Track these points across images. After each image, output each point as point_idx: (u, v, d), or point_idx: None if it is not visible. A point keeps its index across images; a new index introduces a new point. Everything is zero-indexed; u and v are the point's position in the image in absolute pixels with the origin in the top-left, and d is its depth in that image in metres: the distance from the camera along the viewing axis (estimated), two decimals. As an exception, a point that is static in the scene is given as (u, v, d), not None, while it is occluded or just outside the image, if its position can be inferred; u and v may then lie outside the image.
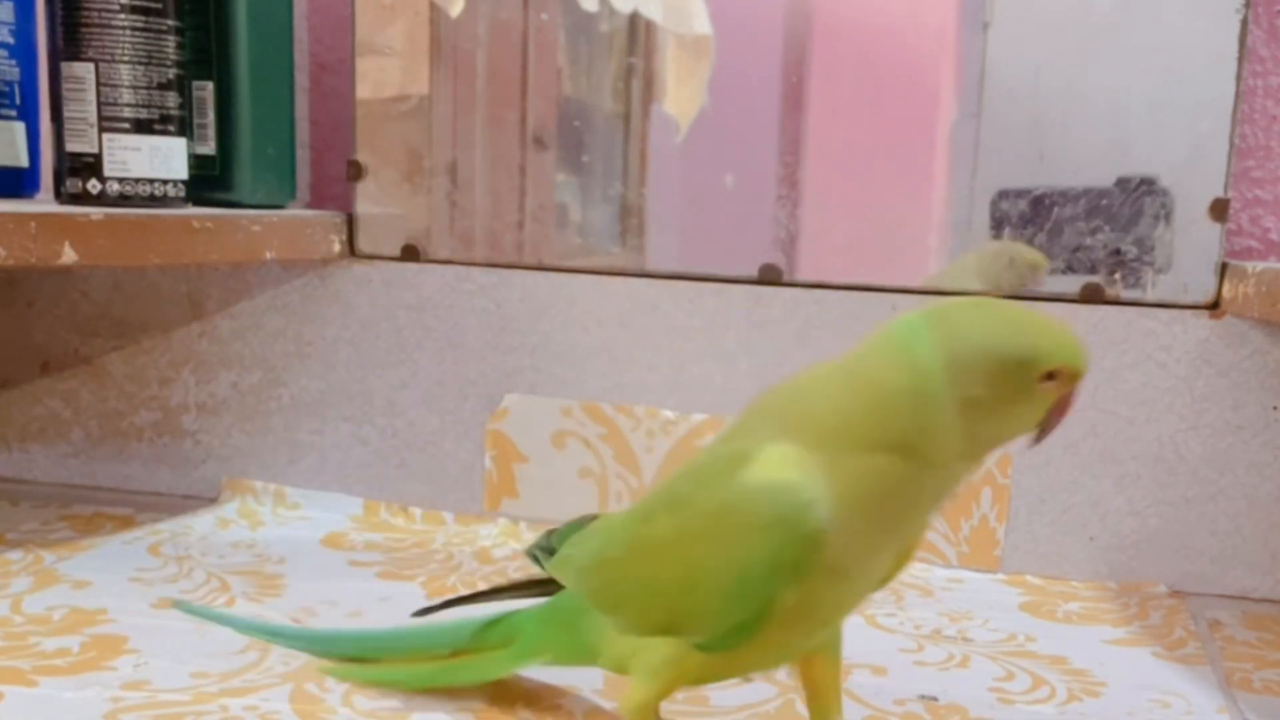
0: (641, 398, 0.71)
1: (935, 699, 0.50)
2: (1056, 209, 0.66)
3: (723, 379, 0.70)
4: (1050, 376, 0.35)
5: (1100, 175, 0.65)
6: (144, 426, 0.79)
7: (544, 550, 0.46)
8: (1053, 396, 0.35)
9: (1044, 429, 0.36)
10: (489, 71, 0.72)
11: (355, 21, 0.73)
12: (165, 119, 0.62)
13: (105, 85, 0.60)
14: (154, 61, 0.61)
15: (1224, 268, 0.64)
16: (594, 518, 0.46)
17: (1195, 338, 0.65)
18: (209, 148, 0.70)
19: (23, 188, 0.68)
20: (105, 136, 0.61)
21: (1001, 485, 0.67)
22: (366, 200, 0.74)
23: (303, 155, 0.76)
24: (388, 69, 0.73)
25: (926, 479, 0.36)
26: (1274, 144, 0.67)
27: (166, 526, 0.71)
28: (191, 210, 0.64)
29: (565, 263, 0.72)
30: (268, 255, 0.67)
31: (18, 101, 0.67)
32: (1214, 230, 0.64)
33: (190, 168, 0.65)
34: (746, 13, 0.68)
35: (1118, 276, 0.66)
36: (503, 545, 0.70)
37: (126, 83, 0.61)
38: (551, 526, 0.47)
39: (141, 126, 0.62)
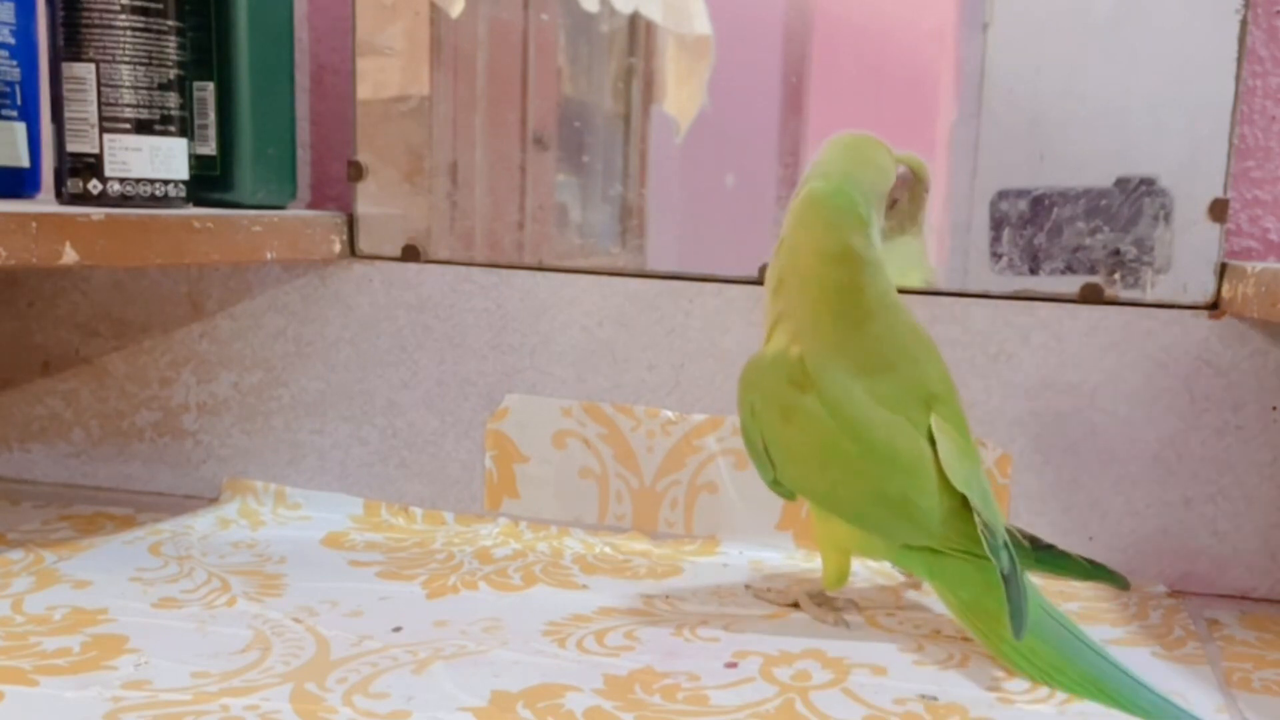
0: (641, 398, 0.72)
1: (935, 698, 0.50)
2: (1056, 209, 0.66)
3: (723, 379, 0.70)
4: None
5: (1100, 175, 0.65)
6: (144, 426, 0.79)
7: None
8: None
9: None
10: (489, 71, 0.72)
11: (355, 22, 0.73)
12: (166, 119, 0.63)
13: (106, 85, 0.60)
14: (155, 62, 0.62)
15: (1223, 268, 0.65)
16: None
17: (1195, 338, 0.65)
18: (210, 148, 0.70)
19: (23, 188, 0.68)
20: (106, 137, 0.61)
21: (1001, 485, 0.67)
22: (367, 200, 0.74)
23: (303, 155, 0.76)
24: (388, 69, 0.73)
25: None
26: (1274, 144, 0.67)
27: (167, 526, 0.71)
28: (192, 210, 0.64)
29: (565, 263, 0.72)
30: (268, 255, 0.67)
31: (19, 102, 0.67)
32: (1213, 230, 0.64)
33: (191, 168, 0.65)
34: (746, 13, 0.68)
35: (1117, 277, 0.66)
36: (504, 545, 0.70)
37: (127, 83, 0.61)
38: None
39: (142, 127, 0.62)
